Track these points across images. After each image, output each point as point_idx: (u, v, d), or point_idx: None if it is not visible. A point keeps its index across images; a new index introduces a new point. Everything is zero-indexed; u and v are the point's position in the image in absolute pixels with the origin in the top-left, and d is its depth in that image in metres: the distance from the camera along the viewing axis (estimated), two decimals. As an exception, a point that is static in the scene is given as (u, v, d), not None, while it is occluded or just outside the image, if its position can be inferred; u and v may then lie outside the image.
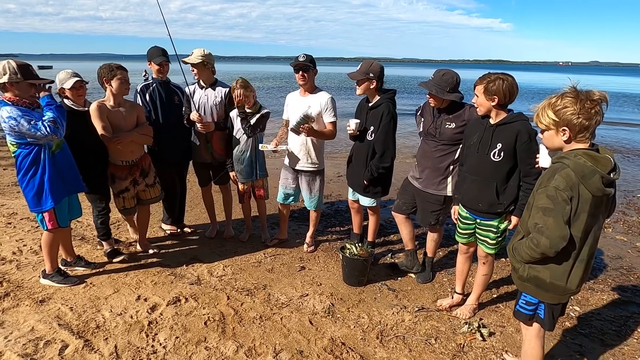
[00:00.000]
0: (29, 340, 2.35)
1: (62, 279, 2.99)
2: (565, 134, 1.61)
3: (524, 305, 1.88)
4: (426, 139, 2.93)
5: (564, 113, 1.58)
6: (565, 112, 1.58)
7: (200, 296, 2.90)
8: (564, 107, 1.58)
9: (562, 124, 1.60)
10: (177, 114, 3.55)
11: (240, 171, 3.56)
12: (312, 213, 3.68)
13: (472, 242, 2.71)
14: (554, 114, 1.61)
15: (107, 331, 2.47)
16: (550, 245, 1.60)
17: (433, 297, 3.06)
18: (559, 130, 1.62)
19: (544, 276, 1.73)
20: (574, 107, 1.56)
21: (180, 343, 2.40)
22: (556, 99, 1.62)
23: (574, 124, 1.57)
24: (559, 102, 1.60)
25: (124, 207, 3.33)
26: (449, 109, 2.78)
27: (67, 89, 2.97)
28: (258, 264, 3.46)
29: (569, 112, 1.57)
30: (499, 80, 2.28)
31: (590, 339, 2.63)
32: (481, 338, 2.54)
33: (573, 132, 1.60)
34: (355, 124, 3.15)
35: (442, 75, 2.72)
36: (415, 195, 3.08)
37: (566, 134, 1.61)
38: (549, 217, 1.59)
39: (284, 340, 2.47)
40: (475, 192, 2.48)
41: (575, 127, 1.58)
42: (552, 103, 1.62)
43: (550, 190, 1.59)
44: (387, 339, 2.52)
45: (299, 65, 3.21)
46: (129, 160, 3.20)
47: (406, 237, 3.27)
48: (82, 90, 3.05)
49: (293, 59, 3.29)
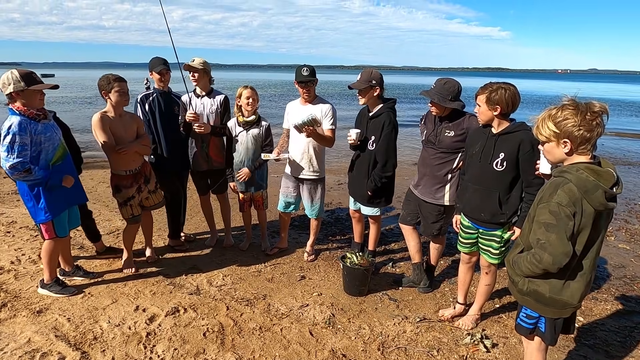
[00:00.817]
0: (25, 352, 2.31)
1: (60, 288, 2.96)
2: (566, 146, 1.58)
3: (525, 318, 1.84)
4: (426, 146, 2.93)
5: (565, 125, 1.56)
6: (566, 124, 1.55)
7: (199, 306, 2.87)
8: (565, 119, 1.56)
9: (563, 136, 1.57)
10: (176, 124, 3.56)
11: (241, 181, 3.55)
12: (312, 222, 3.66)
13: (475, 251, 2.69)
14: (555, 125, 1.58)
15: (104, 343, 2.44)
16: (554, 262, 1.57)
17: (435, 307, 3.02)
18: (559, 142, 1.60)
19: (543, 290, 1.70)
20: (575, 119, 1.54)
21: (178, 355, 2.36)
22: (556, 110, 1.59)
23: (575, 136, 1.55)
24: (559, 114, 1.57)
25: (132, 214, 3.27)
26: (450, 117, 2.78)
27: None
28: (258, 273, 3.43)
29: (569, 124, 1.55)
30: (501, 89, 2.27)
31: (595, 350, 2.59)
32: (484, 349, 2.51)
33: (574, 144, 1.57)
34: (355, 133, 3.16)
35: (444, 84, 2.72)
36: (418, 205, 3.06)
37: (567, 146, 1.58)
38: (551, 233, 1.56)
39: (284, 352, 2.43)
40: (477, 202, 2.46)
41: (576, 140, 1.55)
42: (552, 115, 1.60)
43: (553, 206, 1.55)
44: (389, 351, 2.48)
45: (304, 80, 3.24)
46: (132, 169, 3.19)
47: (413, 250, 3.21)
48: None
49: (294, 67, 3.34)
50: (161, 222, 4.21)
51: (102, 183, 6.05)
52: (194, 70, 3.46)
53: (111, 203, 5.09)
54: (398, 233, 4.34)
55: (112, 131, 3.02)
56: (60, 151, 2.78)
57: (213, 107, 3.55)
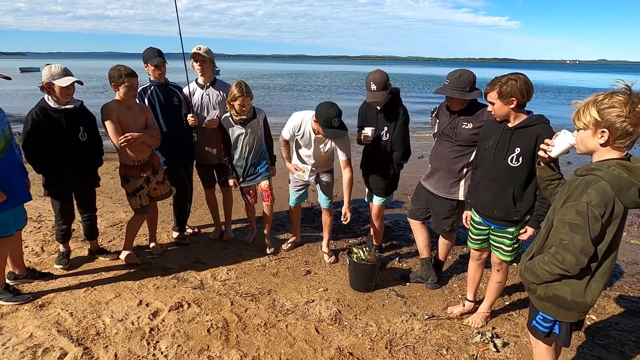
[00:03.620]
0: (27, 347, 2.28)
1: (11, 296, 2.68)
2: (603, 136, 1.45)
3: (541, 321, 1.74)
4: (441, 140, 2.82)
5: (609, 113, 1.42)
6: (611, 112, 1.42)
7: (203, 301, 2.82)
8: (611, 106, 1.42)
9: (603, 124, 1.44)
10: (177, 115, 3.45)
11: (243, 175, 3.46)
12: (326, 217, 3.52)
13: (485, 248, 2.60)
14: (598, 112, 1.44)
15: (107, 338, 2.40)
16: (577, 263, 1.49)
17: (443, 304, 2.96)
18: (597, 131, 1.46)
19: (564, 294, 1.60)
20: (622, 108, 1.40)
21: (182, 352, 2.32)
22: (604, 97, 1.45)
23: (617, 127, 1.42)
24: (606, 101, 1.43)
25: (141, 205, 3.23)
26: (467, 108, 2.67)
27: (60, 87, 2.75)
28: (263, 268, 3.38)
29: (614, 113, 1.41)
30: (511, 81, 2.14)
31: (609, 350, 2.51)
32: (494, 349, 2.44)
33: (613, 136, 1.44)
34: (371, 131, 3.09)
35: (458, 77, 2.60)
36: (429, 200, 2.97)
37: (605, 137, 1.45)
38: (576, 234, 1.46)
39: (290, 350, 2.38)
40: (490, 198, 2.37)
41: (616, 131, 1.42)
42: (599, 101, 1.45)
43: (581, 206, 1.45)
44: (397, 349, 2.42)
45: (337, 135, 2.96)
46: (141, 160, 3.14)
47: (421, 245, 3.14)
48: (73, 90, 2.87)
49: (298, 57, 3.28)
50: (164, 214, 4.16)
51: (105, 174, 5.99)
52: (201, 59, 3.35)
53: (115, 194, 5.05)
54: (404, 227, 4.27)
55: (119, 121, 2.97)
56: (2, 143, 2.51)
57: (219, 97, 3.46)
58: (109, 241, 3.76)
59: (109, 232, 3.95)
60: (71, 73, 2.86)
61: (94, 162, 3.13)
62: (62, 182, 2.98)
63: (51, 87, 2.76)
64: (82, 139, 2.95)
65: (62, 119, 2.83)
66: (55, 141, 2.82)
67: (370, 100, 3.05)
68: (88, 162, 3.07)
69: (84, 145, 2.96)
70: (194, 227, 4.10)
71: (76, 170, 2.98)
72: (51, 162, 2.87)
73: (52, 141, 2.81)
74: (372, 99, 3.01)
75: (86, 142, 2.97)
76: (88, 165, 3.08)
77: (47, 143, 2.80)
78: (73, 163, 2.94)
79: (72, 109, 2.87)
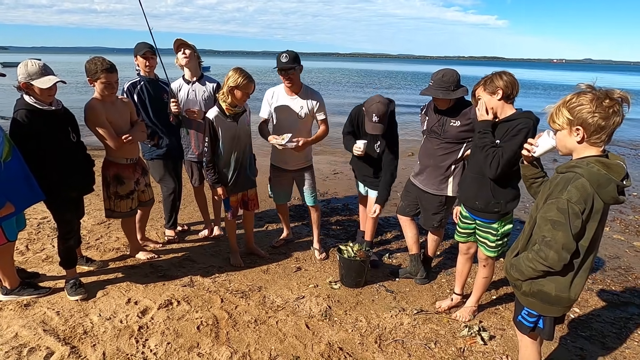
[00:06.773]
0: (12, 347, 2.24)
1: (32, 290, 2.71)
2: (579, 134, 1.51)
3: (526, 316, 1.79)
4: (429, 137, 2.85)
5: (579, 111, 1.48)
6: (581, 110, 1.48)
7: (193, 299, 2.81)
8: (580, 104, 1.48)
9: (576, 122, 1.50)
10: (167, 112, 3.42)
11: (233, 182, 3.14)
12: (313, 213, 3.52)
13: (472, 242, 2.65)
14: (569, 112, 1.51)
15: (95, 337, 2.37)
16: (559, 259, 1.53)
17: (432, 298, 3.00)
18: (572, 129, 1.52)
19: (549, 290, 1.65)
20: (590, 105, 1.46)
21: (171, 349, 2.31)
22: (571, 97, 1.52)
23: (589, 123, 1.47)
24: (574, 100, 1.50)
25: (131, 208, 3.13)
26: (454, 106, 2.71)
27: (40, 88, 2.45)
28: (253, 265, 3.38)
29: (584, 110, 1.47)
30: (494, 75, 2.26)
31: (591, 342, 2.58)
32: (482, 342, 2.49)
33: (587, 133, 1.49)
34: (363, 144, 3.06)
35: (442, 77, 2.63)
36: (418, 197, 3.01)
37: (580, 134, 1.51)
38: (558, 230, 1.50)
39: (280, 346, 2.39)
40: (474, 190, 2.43)
41: (590, 127, 1.48)
42: (567, 101, 1.52)
43: (562, 203, 1.49)
44: (386, 344, 2.45)
45: (284, 68, 3.01)
46: (133, 158, 3.07)
47: (410, 241, 3.17)
48: (55, 90, 2.56)
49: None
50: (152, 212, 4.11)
51: (92, 171, 5.91)
52: (186, 46, 3.30)
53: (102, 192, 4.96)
54: (394, 223, 4.30)
55: (109, 121, 2.82)
56: (6, 147, 2.35)
57: (205, 93, 3.43)
58: (97, 239, 3.71)
59: (97, 230, 3.90)
60: (51, 70, 2.54)
61: (89, 162, 2.94)
62: (69, 188, 2.73)
63: (29, 87, 2.46)
64: (73, 140, 2.73)
65: (53, 121, 2.57)
66: (50, 144, 2.56)
67: (369, 131, 2.95)
68: (85, 162, 2.88)
69: (75, 146, 2.75)
70: (183, 225, 4.07)
71: (77, 172, 2.78)
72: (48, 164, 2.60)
73: (47, 145, 2.55)
74: (372, 130, 2.92)
75: (77, 143, 2.78)
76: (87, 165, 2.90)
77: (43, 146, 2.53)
78: (73, 165, 2.73)
79: (59, 110, 2.62)
